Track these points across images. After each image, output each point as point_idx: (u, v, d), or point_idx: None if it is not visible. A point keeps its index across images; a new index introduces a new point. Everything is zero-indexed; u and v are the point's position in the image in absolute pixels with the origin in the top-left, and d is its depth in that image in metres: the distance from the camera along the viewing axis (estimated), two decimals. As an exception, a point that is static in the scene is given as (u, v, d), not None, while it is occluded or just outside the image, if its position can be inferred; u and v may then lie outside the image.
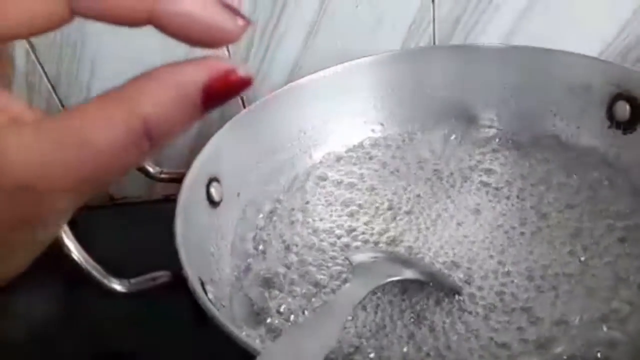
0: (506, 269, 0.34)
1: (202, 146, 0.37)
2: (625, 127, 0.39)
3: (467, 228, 0.38)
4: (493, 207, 0.39)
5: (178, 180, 0.35)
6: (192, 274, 0.28)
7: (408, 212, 0.40)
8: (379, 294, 0.33)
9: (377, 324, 0.32)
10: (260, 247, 0.39)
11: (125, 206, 0.52)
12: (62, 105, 0.49)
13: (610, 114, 0.40)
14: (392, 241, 0.38)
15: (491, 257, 0.35)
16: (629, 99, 0.38)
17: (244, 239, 0.39)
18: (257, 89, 0.47)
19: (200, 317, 0.26)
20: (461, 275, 0.34)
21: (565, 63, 0.41)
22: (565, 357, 0.28)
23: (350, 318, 0.31)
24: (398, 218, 0.40)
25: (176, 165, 0.38)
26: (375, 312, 0.32)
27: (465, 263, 0.35)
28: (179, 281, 0.28)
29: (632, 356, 0.28)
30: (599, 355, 0.28)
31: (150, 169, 0.36)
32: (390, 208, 0.41)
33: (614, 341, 0.29)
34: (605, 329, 0.29)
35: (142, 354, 0.37)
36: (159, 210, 0.34)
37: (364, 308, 0.33)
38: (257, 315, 0.34)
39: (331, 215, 0.41)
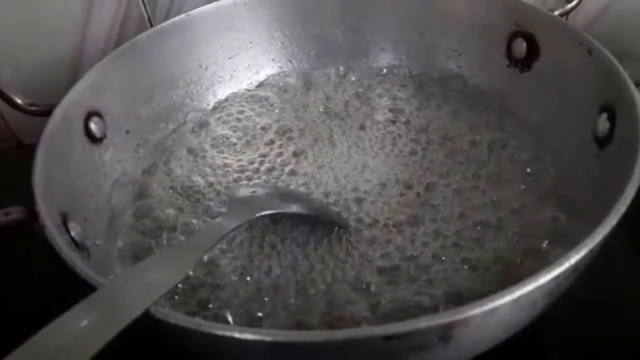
0: (396, 206, 0.34)
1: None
2: (523, 65, 0.39)
3: (365, 165, 0.37)
4: (392, 144, 0.39)
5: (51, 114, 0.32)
6: (46, 208, 0.26)
7: (305, 150, 0.39)
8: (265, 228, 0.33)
9: (257, 253, 0.31)
10: (152, 186, 0.37)
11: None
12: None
13: (509, 53, 0.40)
14: (288, 177, 0.37)
15: (383, 193, 0.35)
16: (526, 36, 0.38)
17: (133, 178, 0.38)
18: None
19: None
20: (355, 210, 0.34)
21: (465, 1, 0.40)
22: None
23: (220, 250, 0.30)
24: (295, 155, 0.39)
25: (52, 99, 0.35)
26: (255, 245, 0.32)
27: (357, 198, 0.35)
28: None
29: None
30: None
31: (19, 101, 0.34)
32: (288, 145, 0.40)
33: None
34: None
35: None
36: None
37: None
38: (138, 258, 0.32)
39: (228, 154, 0.40)
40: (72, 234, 0.28)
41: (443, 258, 0.30)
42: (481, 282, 0.29)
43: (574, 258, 0.20)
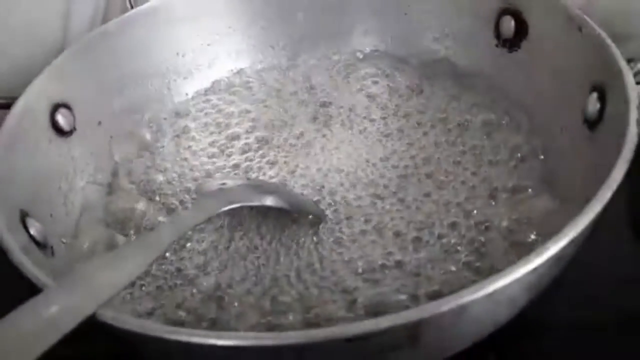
0: (379, 197, 0.32)
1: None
2: (511, 44, 0.37)
3: (345, 156, 0.36)
4: (378, 131, 0.37)
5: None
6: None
7: (287, 138, 0.38)
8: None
9: (228, 248, 0.30)
10: (124, 180, 0.36)
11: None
12: None
13: (498, 32, 0.38)
14: (268, 167, 0.35)
15: (364, 185, 0.33)
16: (514, 14, 0.36)
17: (105, 172, 0.36)
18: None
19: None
20: (330, 202, 0.32)
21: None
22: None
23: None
24: (276, 145, 0.37)
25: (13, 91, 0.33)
26: (223, 240, 0.30)
27: (336, 190, 0.33)
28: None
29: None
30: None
31: (-20, 93, 0.32)
32: (269, 134, 0.38)
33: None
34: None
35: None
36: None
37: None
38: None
39: (206, 145, 0.38)
40: (32, 231, 0.27)
41: (426, 251, 0.28)
42: (466, 277, 0.27)
43: (554, 248, 0.19)
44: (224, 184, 0.30)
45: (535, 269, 0.18)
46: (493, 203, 0.31)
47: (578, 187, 0.27)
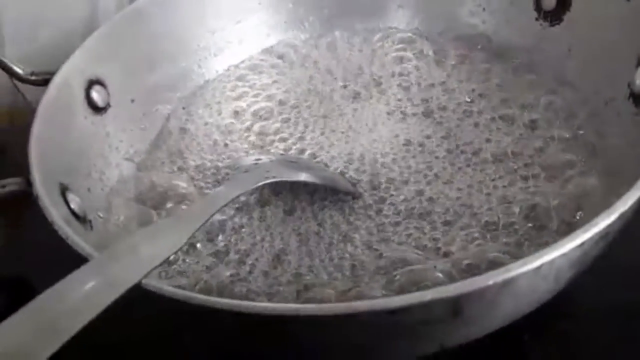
0: (417, 173, 0.32)
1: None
2: (553, 17, 0.36)
3: (379, 133, 0.35)
4: (414, 110, 0.36)
5: (49, 82, 0.31)
6: (42, 178, 0.25)
7: (317, 117, 0.37)
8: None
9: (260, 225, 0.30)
10: (157, 156, 0.36)
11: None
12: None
13: (538, 4, 0.36)
14: (301, 143, 0.35)
15: (399, 165, 0.33)
16: (556, -15, 0.35)
17: (138, 149, 0.37)
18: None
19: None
20: (366, 180, 0.32)
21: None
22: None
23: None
24: (308, 123, 0.37)
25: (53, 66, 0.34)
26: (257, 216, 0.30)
27: (371, 167, 0.33)
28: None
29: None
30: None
31: (19, 70, 0.33)
32: (300, 112, 0.38)
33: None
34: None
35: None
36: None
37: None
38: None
39: (238, 124, 0.38)
40: (72, 205, 0.27)
41: (467, 228, 0.28)
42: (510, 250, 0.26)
43: (602, 224, 0.18)
44: (258, 159, 0.29)
45: (581, 244, 0.18)
46: (537, 183, 0.30)
47: (624, 163, 0.26)
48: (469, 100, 0.36)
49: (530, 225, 0.27)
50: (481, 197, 0.29)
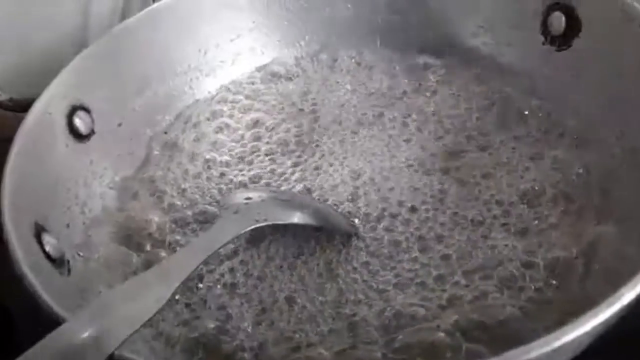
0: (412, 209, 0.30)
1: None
2: (561, 42, 0.34)
3: (376, 159, 0.33)
4: (412, 134, 0.35)
5: (29, 109, 0.29)
6: (15, 220, 0.24)
7: (314, 141, 0.35)
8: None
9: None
10: (143, 186, 0.34)
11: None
12: None
13: (545, 28, 0.35)
14: (291, 179, 0.33)
15: (397, 190, 0.31)
16: (566, 9, 0.33)
17: (125, 176, 0.35)
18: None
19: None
20: (362, 213, 0.30)
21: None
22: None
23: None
24: (304, 147, 0.35)
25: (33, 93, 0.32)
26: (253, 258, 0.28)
27: (366, 197, 0.31)
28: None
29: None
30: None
31: (-4, 96, 0.31)
32: (296, 136, 0.36)
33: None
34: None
35: None
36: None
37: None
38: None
39: (230, 149, 0.36)
40: (47, 248, 0.25)
41: (464, 267, 0.26)
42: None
43: (627, 296, 0.16)
44: (248, 198, 0.27)
45: (605, 321, 0.16)
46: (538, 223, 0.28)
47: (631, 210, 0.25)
48: (467, 124, 0.34)
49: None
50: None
